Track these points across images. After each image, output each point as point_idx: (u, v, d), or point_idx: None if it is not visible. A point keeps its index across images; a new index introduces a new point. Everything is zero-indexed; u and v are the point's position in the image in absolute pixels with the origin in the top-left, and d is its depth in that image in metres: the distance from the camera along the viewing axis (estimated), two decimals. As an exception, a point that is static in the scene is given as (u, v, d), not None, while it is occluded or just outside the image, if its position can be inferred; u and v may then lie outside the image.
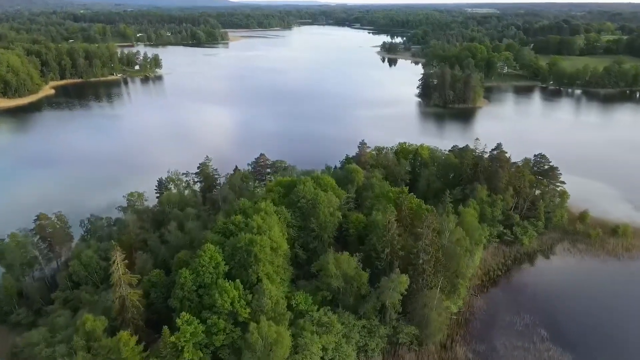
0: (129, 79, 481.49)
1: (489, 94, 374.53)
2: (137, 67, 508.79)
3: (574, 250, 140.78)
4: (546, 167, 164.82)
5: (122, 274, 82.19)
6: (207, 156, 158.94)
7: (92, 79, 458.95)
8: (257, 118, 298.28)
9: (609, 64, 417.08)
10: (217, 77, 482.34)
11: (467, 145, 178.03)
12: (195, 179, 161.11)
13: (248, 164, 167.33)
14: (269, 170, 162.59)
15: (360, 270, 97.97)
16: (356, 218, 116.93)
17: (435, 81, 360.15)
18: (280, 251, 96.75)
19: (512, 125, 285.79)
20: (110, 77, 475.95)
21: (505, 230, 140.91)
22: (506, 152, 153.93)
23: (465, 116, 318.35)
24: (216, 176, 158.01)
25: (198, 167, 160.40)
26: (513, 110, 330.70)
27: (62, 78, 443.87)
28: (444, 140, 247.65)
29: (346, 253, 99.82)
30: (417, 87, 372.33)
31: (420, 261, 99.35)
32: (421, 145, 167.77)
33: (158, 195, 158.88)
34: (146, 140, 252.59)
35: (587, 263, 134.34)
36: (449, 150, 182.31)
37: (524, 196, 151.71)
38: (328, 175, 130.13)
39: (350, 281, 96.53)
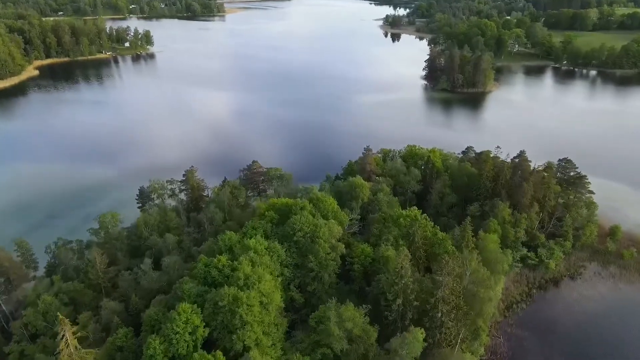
0: (119, 58, 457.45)
1: (499, 75, 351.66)
2: (127, 44, 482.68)
3: (605, 275, 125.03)
4: (572, 173, 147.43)
5: (74, 350, 66.18)
6: (192, 166, 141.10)
7: (80, 58, 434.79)
8: (252, 107, 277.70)
9: (627, 42, 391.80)
10: (212, 55, 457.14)
11: (485, 151, 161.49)
12: (181, 187, 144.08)
13: (240, 171, 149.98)
14: (262, 178, 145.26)
15: (367, 327, 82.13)
16: (362, 251, 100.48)
17: (442, 61, 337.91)
18: (273, 305, 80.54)
19: (525, 114, 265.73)
20: (99, 56, 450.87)
21: (529, 253, 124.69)
22: (530, 161, 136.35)
23: (475, 102, 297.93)
24: (204, 186, 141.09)
25: (183, 175, 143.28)
26: (525, 96, 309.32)
27: (47, 57, 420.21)
28: (455, 133, 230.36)
29: (350, 304, 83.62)
30: (423, 69, 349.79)
31: (439, 314, 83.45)
32: (432, 150, 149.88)
33: (139, 205, 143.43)
34: (132, 133, 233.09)
35: (622, 293, 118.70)
36: (463, 153, 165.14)
37: (548, 209, 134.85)
38: (328, 196, 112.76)
39: (355, 340, 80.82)
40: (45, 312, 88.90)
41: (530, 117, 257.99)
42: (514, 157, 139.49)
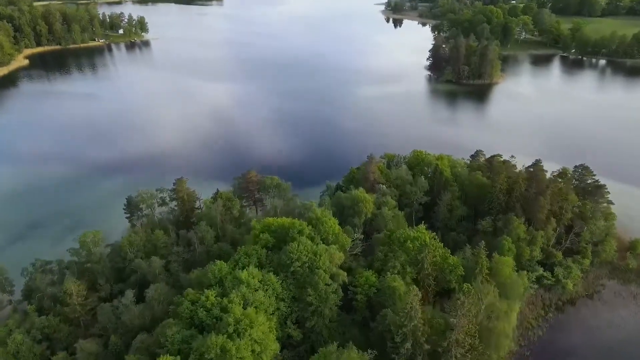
0: (113, 46, 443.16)
1: (505, 65, 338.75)
2: (121, 32, 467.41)
3: (626, 295, 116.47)
4: (589, 181, 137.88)
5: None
6: (182, 177, 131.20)
7: (72, 46, 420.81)
8: (248, 101, 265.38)
9: (637, 29, 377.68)
10: (208, 43, 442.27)
11: (496, 157, 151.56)
12: (172, 196, 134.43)
13: (234, 179, 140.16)
14: (258, 187, 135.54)
15: (373, 375, 73.62)
16: (365, 279, 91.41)
17: (445, 47, 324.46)
18: (266, 353, 71.78)
19: (534, 108, 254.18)
20: (91, 43, 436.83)
21: (545, 273, 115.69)
22: (545, 171, 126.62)
23: (481, 95, 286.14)
24: (195, 197, 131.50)
25: (174, 184, 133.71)
26: (533, 88, 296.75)
27: (37, 45, 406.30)
28: (461, 130, 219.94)
29: (353, 349, 74.92)
30: (427, 59, 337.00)
31: (453, 359, 74.84)
32: (440, 157, 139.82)
33: (127, 216, 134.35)
34: (122, 133, 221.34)
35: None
36: (472, 157, 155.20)
37: (564, 222, 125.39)
38: (329, 213, 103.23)
39: (359, 392, 72.41)
40: (17, 352, 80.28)
41: (539, 112, 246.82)
42: (529, 166, 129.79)
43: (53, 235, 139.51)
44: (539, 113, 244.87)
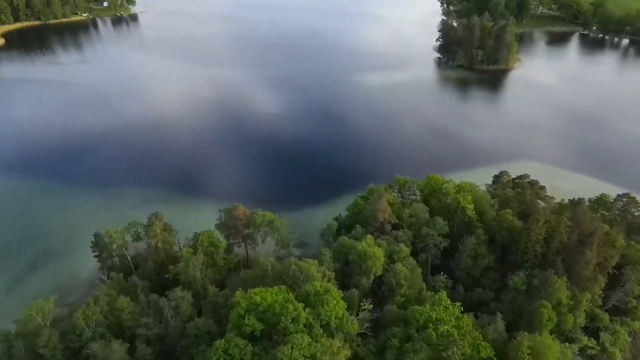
0: (98, 20, 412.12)
1: (521, 45, 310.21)
2: (105, 4, 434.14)
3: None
4: (637, 213, 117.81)
5: None
6: (157, 213, 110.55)
7: (53, 21, 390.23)
8: (241, 89, 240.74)
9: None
10: (199, 17, 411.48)
11: (524, 178, 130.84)
12: (146, 230, 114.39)
13: (220, 211, 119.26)
14: (245, 222, 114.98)
15: None
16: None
17: (456, 25, 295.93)
18: None
19: (555, 100, 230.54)
20: (74, 18, 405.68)
21: (589, 341, 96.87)
22: (594, 216, 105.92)
23: (496, 84, 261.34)
24: (173, 240, 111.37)
25: (148, 220, 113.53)
26: (552, 75, 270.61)
27: (15, 21, 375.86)
28: (476, 130, 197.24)
29: None
30: (437, 39, 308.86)
31: None
32: (460, 187, 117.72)
33: (96, 254, 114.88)
34: (97, 137, 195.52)
35: None
36: (495, 180, 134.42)
37: (608, 270, 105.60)
38: (332, 286, 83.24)
39: None
40: None
41: (562, 106, 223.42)
42: (571, 202, 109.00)
43: (9, 274, 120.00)
44: (562, 107, 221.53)
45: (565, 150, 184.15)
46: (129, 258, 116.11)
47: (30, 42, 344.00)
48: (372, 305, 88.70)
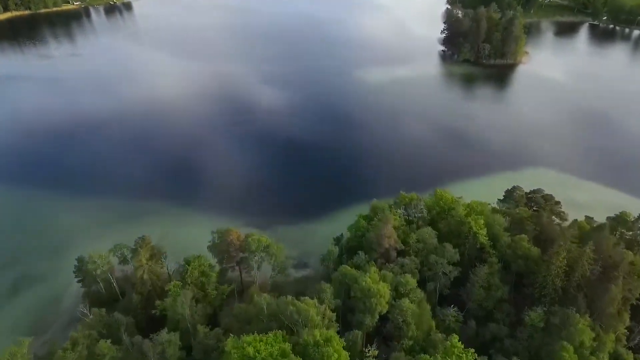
0: (91, 9, 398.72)
1: (528, 36, 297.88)
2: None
3: None
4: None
5: None
6: (144, 237, 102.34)
7: (43, 10, 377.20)
8: (235, 86, 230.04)
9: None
10: (196, 6, 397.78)
11: (538, 193, 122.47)
12: (132, 253, 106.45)
13: (213, 233, 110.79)
14: (241, 250, 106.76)
15: None
16: None
17: (461, 16, 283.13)
18: None
19: (566, 99, 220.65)
20: (65, 7, 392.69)
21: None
22: (618, 242, 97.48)
23: (503, 80, 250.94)
24: (162, 270, 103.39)
25: (135, 243, 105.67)
26: (562, 70, 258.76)
27: (5, 10, 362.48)
28: (483, 131, 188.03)
29: None
30: (442, 31, 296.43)
31: None
32: (471, 207, 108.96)
33: (79, 279, 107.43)
34: (91, 136, 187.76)
35: None
36: (506, 195, 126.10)
37: (632, 302, 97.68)
38: (333, 334, 75.29)
39: None
40: None
41: (572, 104, 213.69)
42: (593, 228, 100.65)
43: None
44: (573, 106, 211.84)
45: (577, 155, 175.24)
46: (115, 284, 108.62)
47: (19, 32, 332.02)
48: (377, 352, 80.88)
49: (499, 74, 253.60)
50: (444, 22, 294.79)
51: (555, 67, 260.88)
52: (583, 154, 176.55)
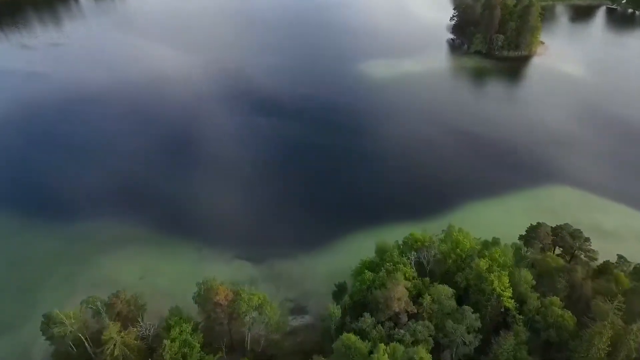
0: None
1: (543, 22, 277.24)
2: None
3: None
4: None
5: None
6: (118, 293, 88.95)
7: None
8: (227, 83, 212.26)
9: None
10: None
11: (565, 229, 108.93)
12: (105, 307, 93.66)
13: (198, 284, 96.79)
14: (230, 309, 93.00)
15: None
16: None
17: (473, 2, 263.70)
18: None
19: (588, 99, 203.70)
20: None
21: None
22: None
23: (518, 76, 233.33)
24: (144, 330, 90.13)
25: (113, 294, 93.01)
26: (580, 62, 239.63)
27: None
28: (497, 142, 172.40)
29: None
30: (451, 18, 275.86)
31: None
32: (492, 258, 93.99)
33: (47, 337, 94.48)
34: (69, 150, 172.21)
35: None
36: (529, 233, 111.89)
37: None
38: None
39: None
40: None
41: (593, 106, 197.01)
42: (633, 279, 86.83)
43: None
44: (595, 108, 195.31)
45: (601, 169, 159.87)
46: (88, 343, 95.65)
47: (6, 20, 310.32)
48: None
49: (513, 68, 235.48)
50: (454, 9, 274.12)
51: (572, 60, 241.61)
52: (607, 166, 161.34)
